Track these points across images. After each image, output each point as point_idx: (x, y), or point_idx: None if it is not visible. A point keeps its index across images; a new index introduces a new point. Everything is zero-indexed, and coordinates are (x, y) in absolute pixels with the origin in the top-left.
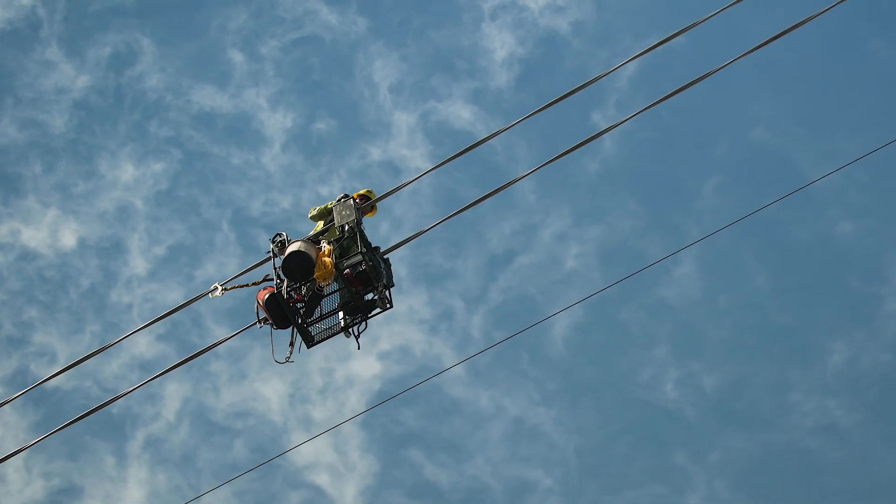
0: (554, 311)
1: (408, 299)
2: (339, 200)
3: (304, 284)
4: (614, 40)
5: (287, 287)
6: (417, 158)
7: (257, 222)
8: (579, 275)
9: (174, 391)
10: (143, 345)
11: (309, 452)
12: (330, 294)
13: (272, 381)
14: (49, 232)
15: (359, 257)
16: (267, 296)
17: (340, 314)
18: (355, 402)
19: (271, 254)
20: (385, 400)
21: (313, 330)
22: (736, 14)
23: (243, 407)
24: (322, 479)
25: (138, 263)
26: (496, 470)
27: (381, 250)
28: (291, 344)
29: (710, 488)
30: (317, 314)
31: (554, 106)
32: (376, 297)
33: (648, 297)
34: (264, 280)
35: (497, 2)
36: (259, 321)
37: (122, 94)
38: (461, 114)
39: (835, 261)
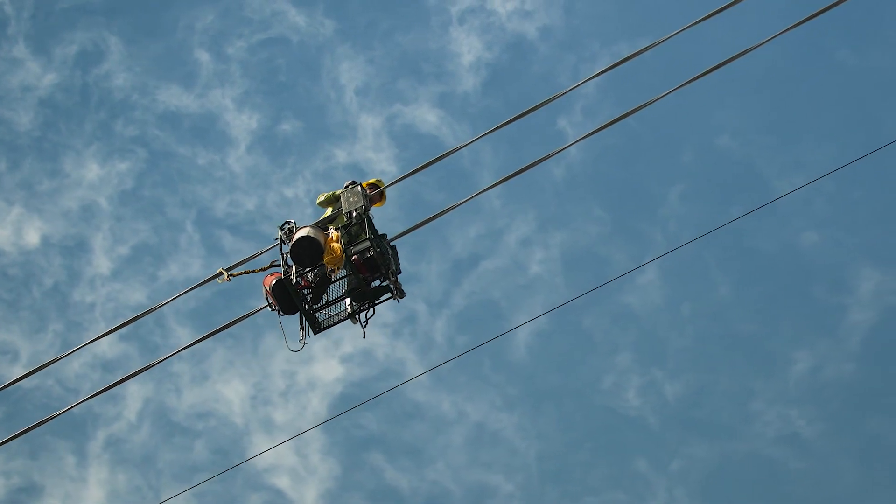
0: (516, 315)
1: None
2: (348, 187)
3: (312, 270)
4: (582, 46)
5: (294, 273)
6: (383, 161)
7: (221, 223)
8: (543, 280)
9: (136, 392)
10: (105, 344)
11: (270, 455)
12: (337, 280)
13: (234, 383)
14: (13, 230)
15: (367, 244)
16: (274, 281)
17: (347, 301)
18: (317, 405)
19: (279, 240)
20: (350, 408)
21: (320, 316)
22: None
23: (205, 408)
24: (283, 482)
25: (102, 263)
26: (457, 475)
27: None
28: (302, 329)
29: (670, 496)
30: (323, 300)
31: (520, 111)
32: (388, 285)
33: (612, 305)
34: (271, 266)
35: (465, 6)
36: (269, 306)
37: (89, 92)
38: (427, 117)
39: (799, 271)
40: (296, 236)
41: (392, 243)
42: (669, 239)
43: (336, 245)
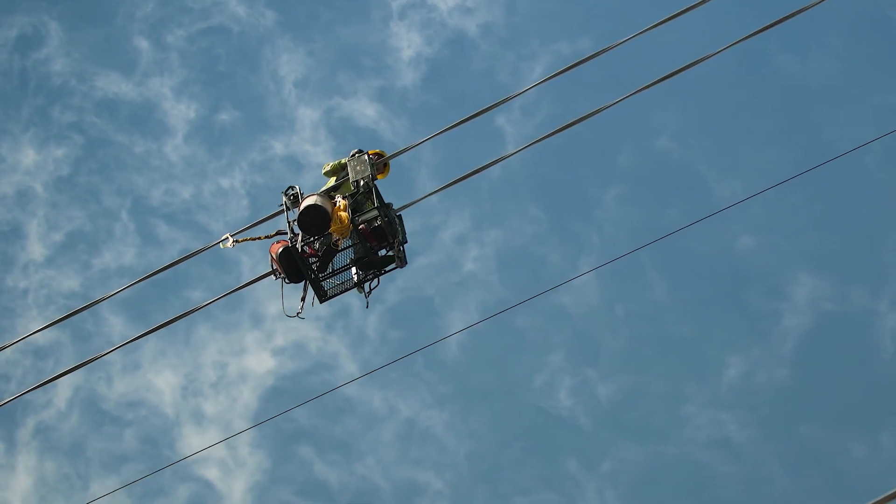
0: (450, 313)
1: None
2: (354, 156)
3: (319, 239)
4: (522, 43)
5: (301, 241)
6: (320, 154)
7: (157, 212)
8: (478, 278)
9: (66, 379)
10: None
11: (199, 446)
12: (344, 249)
13: (165, 374)
14: None
15: (375, 212)
16: (281, 249)
17: (353, 270)
18: (248, 397)
19: (284, 207)
20: (286, 410)
21: (326, 285)
22: (648, 20)
23: (135, 397)
24: (212, 473)
25: (36, 249)
26: (386, 471)
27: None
28: (303, 299)
29: (600, 498)
30: (329, 269)
31: (459, 107)
32: (391, 253)
33: (546, 304)
34: (277, 234)
35: (406, 1)
36: (274, 274)
37: (27, 77)
38: (365, 111)
39: (735, 275)
40: (303, 204)
41: (398, 213)
42: (605, 241)
43: (344, 214)
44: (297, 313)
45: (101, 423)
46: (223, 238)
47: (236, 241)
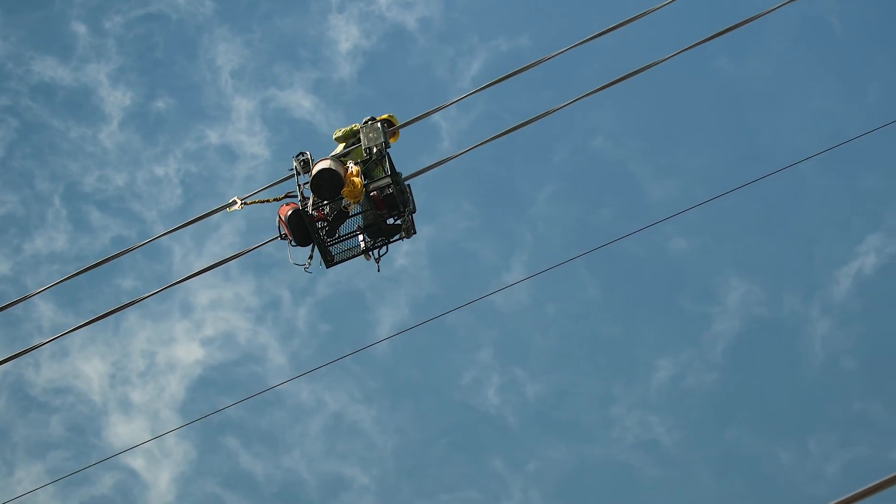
0: (380, 307)
1: (235, 286)
2: (366, 123)
3: (329, 203)
4: (460, 39)
5: (311, 204)
6: (255, 145)
7: (90, 198)
8: (409, 273)
9: None
10: None
11: (125, 434)
12: (353, 215)
13: (94, 361)
14: None
15: (387, 180)
16: (290, 211)
17: (360, 237)
18: (175, 387)
19: (294, 171)
20: (220, 409)
21: (333, 250)
22: (586, 20)
23: (63, 384)
24: (137, 462)
25: None
26: (312, 464)
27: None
28: (310, 257)
29: (525, 497)
30: (336, 235)
31: (397, 102)
32: (401, 222)
33: (477, 301)
34: (286, 196)
35: None
36: (281, 237)
37: None
38: (302, 103)
39: (666, 277)
40: (316, 167)
41: (407, 182)
42: (538, 239)
43: (356, 179)
44: (305, 267)
45: (28, 409)
46: (231, 201)
47: (245, 204)
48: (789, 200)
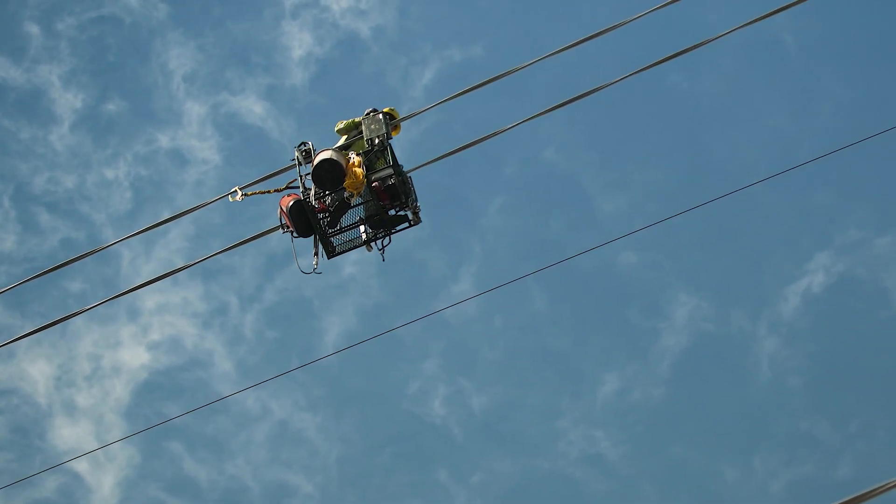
0: (328, 315)
1: (182, 291)
2: (368, 115)
3: (331, 194)
4: (413, 48)
5: (313, 195)
6: (206, 150)
7: (39, 200)
8: (357, 281)
9: None
10: None
11: (70, 438)
12: (355, 206)
13: (39, 363)
14: None
15: (389, 171)
16: (292, 202)
17: (361, 228)
18: (121, 391)
19: (296, 161)
20: (167, 420)
21: (335, 241)
22: (540, 30)
23: (8, 386)
24: (81, 466)
25: None
26: (256, 471)
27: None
28: (316, 254)
29: None
30: (338, 226)
31: (349, 110)
32: (406, 214)
33: (425, 311)
34: (287, 187)
35: (299, 0)
36: (282, 228)
37: None
38: (253, 108)
39: (616, 291)
40: (318, 158)
41: (409, 174)
42: (487, 250)
43: (358, 170)
44: (313, 269)
45: None
46: (232, 191)
47: (245, 195)
48: (739, 217)
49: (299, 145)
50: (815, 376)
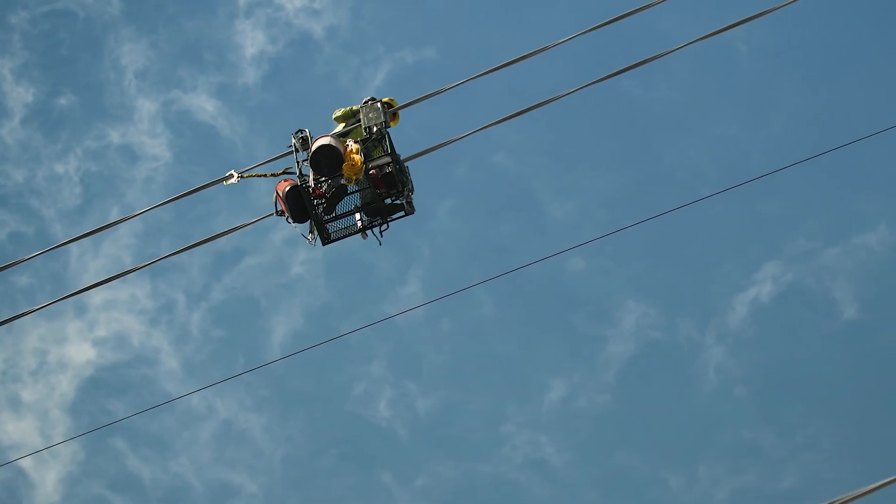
0: (275, 315)
1: (130, 288)
2: (366, 103)
3: (328, 180)
4: (366, 49)
5: (311, 180)
6: (157, 147)
7: None
8: (305, 281)
9: None
10: None
11: (14, 433)
12: (351, 193)
13: None
14: None
15: (387, 159)
16: (288, 187)
17: (357, 215)
18: (66, 387)
19: (293, 148)
20: (115, 421)
21: (330, 228)
22: (492, 33)
23: None
24: (25, 461)
25: None
26: (200, 470)
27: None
28: (311, 232)
29: None
30: (334, 213)
31: (298, 109)
32: (402, 203)
33: (373, 313)
34: (284, 172)
35: None
36: (278, 213)
37: None
38: (205, 107)
39: (563, 297)
40: (316, 144)
41: (406, 163)
42: (434, 253)
43: (357, 157)
44: (310, 239)
45: None
46: (228, 175)
47: (241, 177)
48: (688, 225)
49: (296, 132)
50: (762, 386)
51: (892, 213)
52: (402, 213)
